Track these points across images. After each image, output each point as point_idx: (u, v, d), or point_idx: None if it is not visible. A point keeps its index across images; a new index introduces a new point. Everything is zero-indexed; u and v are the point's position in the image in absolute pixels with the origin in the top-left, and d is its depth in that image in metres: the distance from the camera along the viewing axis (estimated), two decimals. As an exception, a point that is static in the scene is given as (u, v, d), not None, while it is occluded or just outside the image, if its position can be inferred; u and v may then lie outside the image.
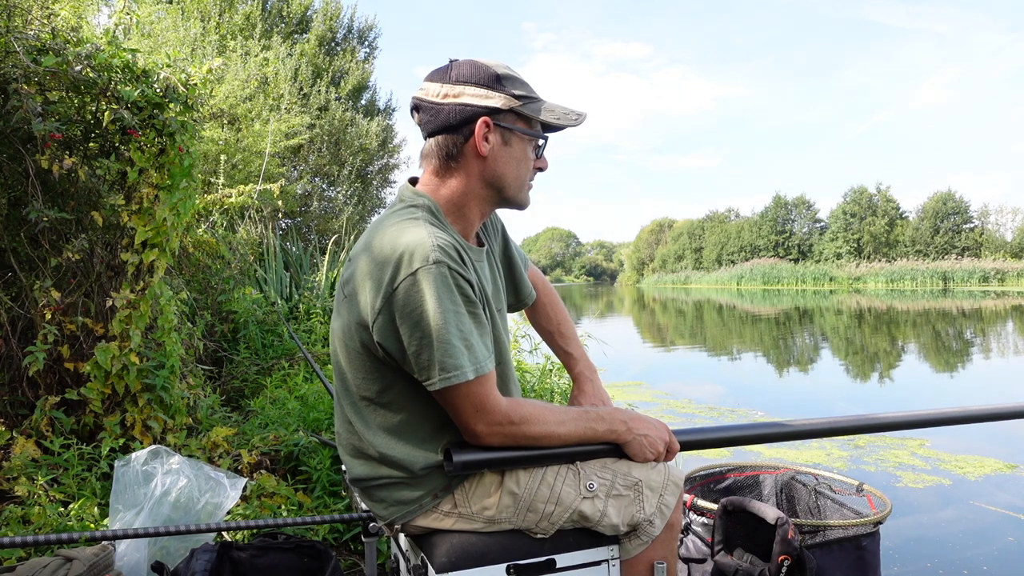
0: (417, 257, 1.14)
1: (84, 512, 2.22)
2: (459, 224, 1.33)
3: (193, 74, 2.84)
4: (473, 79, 1.26)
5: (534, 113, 1.29)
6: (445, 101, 1.26)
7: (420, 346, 1.15)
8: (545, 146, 1.35)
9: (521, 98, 1.28)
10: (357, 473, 1.32)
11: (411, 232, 1.19)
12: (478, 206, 1.33)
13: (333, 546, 2.44)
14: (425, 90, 1.29)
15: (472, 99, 1.25)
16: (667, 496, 1.33)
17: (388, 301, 1.16)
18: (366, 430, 1.28)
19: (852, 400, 6.38)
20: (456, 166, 1.29)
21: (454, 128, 1.26)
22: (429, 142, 1.30)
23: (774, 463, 2.18)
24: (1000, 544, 2.90)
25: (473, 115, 1.25)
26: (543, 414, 1.26)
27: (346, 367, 1.28)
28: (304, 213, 13.44)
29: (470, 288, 1.20)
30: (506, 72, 1.28)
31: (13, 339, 2.69)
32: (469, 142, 1.27)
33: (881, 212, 49.81)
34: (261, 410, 3.40)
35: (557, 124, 1.31)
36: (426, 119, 1.29)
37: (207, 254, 4.62)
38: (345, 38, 17.21)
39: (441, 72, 1.29)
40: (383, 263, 1.18)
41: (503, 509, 1.29)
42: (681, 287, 53.94)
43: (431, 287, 1.14)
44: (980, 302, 22.58)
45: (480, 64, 1.28)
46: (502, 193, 1.32)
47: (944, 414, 1.70)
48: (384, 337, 1.19)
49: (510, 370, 1.40)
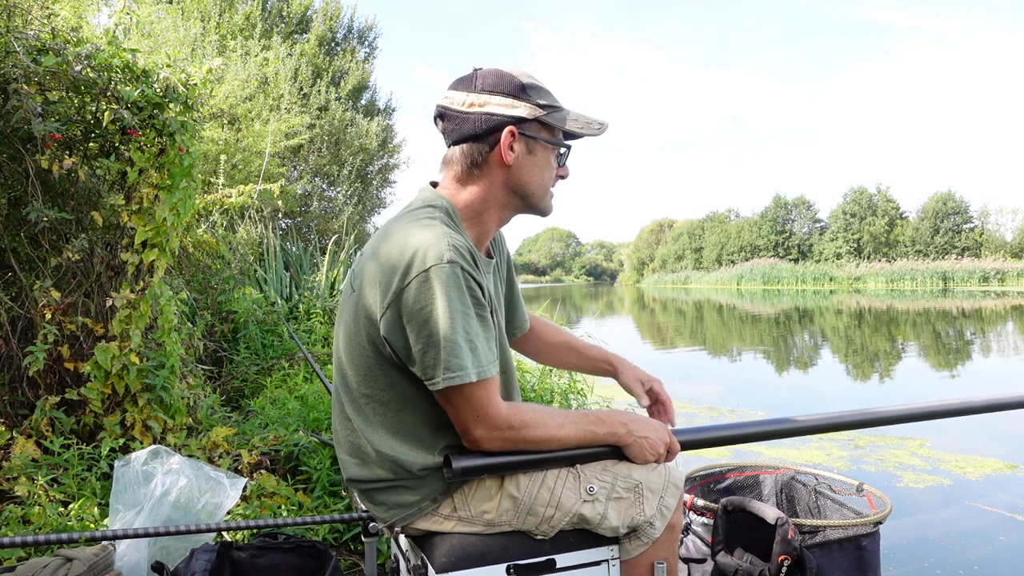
0: (431, 255, 1.15)
1: (84, 512, 2.22)
2: (475, 230, 1.33)
3: (193, 74, 2.84)
4: (499, 88, 1.27)
5: (558, 122, 1.31)
6: (471, 110, 1.28)
7: (426, 344, 1.15)
8: (568, 155, 1.38)
9: (545, 107, 1.29)
10: (353, 473, 1.32)
11: (426, 231, 1.19)
12: (498, 212, 1.34)
13: (333, 546, 2.44)
14: (450, 99, 1.30)
15: (498, 108, 1.27)
16: (667, 498, 1.33)
17: (398, 297, 1.16)
18: (365, 428, 1.27)
19: (852, 400, 6.39)
20: (479, 173, 1.30)
21: (479, 137, 1.28)
22: (453, 149, 1.31)
23: (774, 463, 2.18)
24: (1000, 544, 2.90)
25: (499, 124, 1.27)
26: (543, 418, 1.26)
27: (349, 363, 1.28)
28: (304, 213, 13.45)
29: (480, 291, 1.20)
30: (531, 82, 1.30)
31: (13, 339, 2.69)
32: (494, 150, 1.28)
33: (881, 212, 49.82)
34: (261, 410, 3.40)
35: (579, 133, 1.33)
36: (451, 127, 1.30)
37: (207, 254, 4.62)
38: (345, 38, 17.22)
39: (466, 81, 1.30)
40: (396, 259, 1.18)
41: (503, 513, 1.29)
42: (681, 287, 53.94)
43: (442, 286, 1.14)
44: (980, 302, 22.58)
45: (505, 73, 1.29)
46: (527, 200, 1.34)
47: (944, 407, 1.70)
48: (391, 332, 1.19)
49: (513, 379, 1.40)
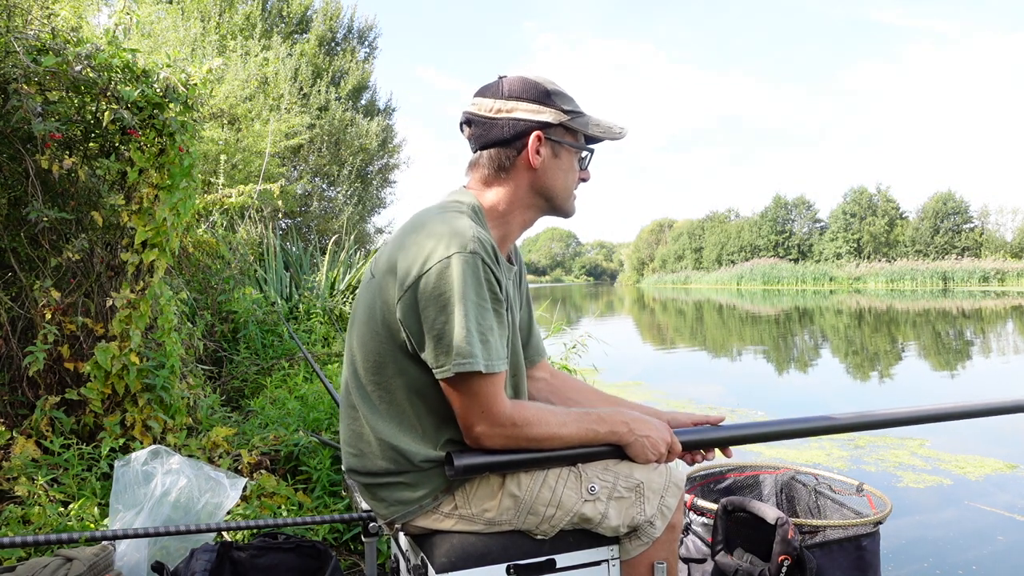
0: (454, 244, 1.18)
1: (84, 512, 2.22)
2: (499, 231, 1.37)
3: (193, 74, 2.84)
4: (526, 95, 1.33)
5: (582, 127, 1.36)
6: (499, 116, 1.33)
7: (440, 331, 1.17)
8: (590, 158, 1.43)
9: (570, 113, 1.34)
10: (354, 464, 1.33)
11: (452, 223, 1.22)
12: (522, 214, 1.39)
13: (333, 546, 2.44)
14: (477, 105, 1.35)
15: (525, 114, 1.32)
16: (668, 498, 1.33)
17: (417, 281, 1.18)
18: (370, 415, 1.28)
19: (852, 400, 6.38)
20: (506, 176, 1.35)
21: (507, 141, 1.33)
22: (481, 154, 1.37)
23: (774, 463, 2.18)
24: (1000, 544, 2.90)
25: (526, 129, 1.32)
26: (545, 416, 1.26)
27: (361, 349, 1.30)
28: (304, 213, 13.45)
29: (498, 286, 1.22)
30: (555, 88, 1.35)
31: (13, 339, 2.68)
32: (521, 154, 1.33)
33: (881, 212, 49.82)
34: (261, 410, 3.39)
35: (601, 137, 1.40)
36: (478, 132, 1.35)
37: (207, 254, 4.62)
38: (345, 38, 17.21)
39: (492, 88, 1.35)
40: (420, 246, 1.21)
41: (504, 511, 1.29)
42: (681, 287, 53.94)
43: (461, 275, 1.16)
44: (980, 302, 22.58)
45: (530, 80, 1.34)
46: (551, 202, 1.40)
47: (944, 410, 1.69)
48: (407, 316, 1.21)
49: (523, 382, 1.41)
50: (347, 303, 6.37)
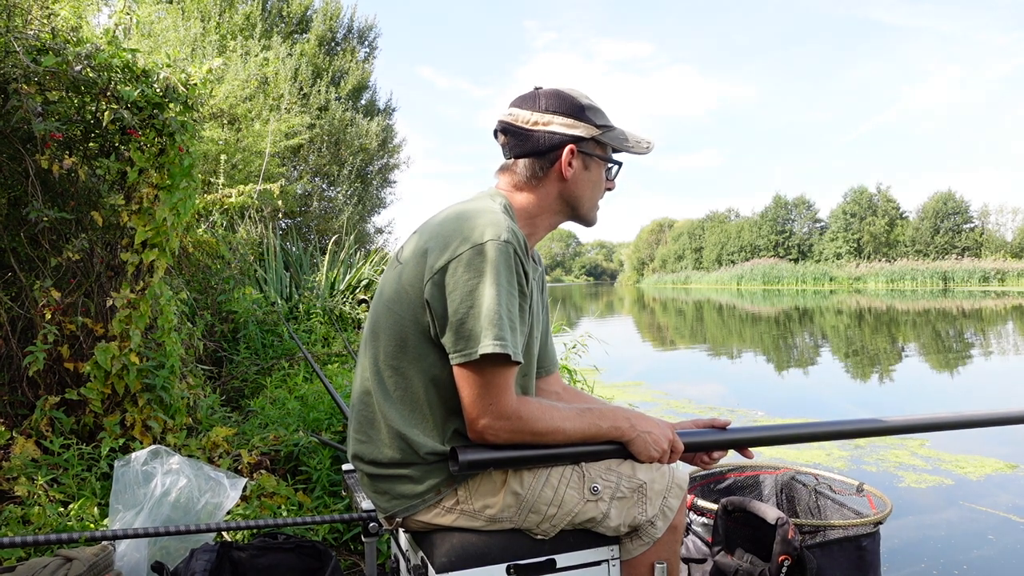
0: (489, 232, 1.21)
1: (84, 512, 2.22)
2: (525, 231, 1.42)
3: (193, 74, 2.84)
4: (561, 109, 1.38)
5: (612, 141, 1.42)
6: (535, 128, 1.38)
7: (467, 314, 1.18)
8: (618, 171, 1.49)
9: (602, 127, 1.41)
10: (360, 450, 1.33)
11: (487, 214, 1.26)
12: (549, 219, 1.45)
13: (333, 546, 2.44)
14: (514, 116, 1.41)
15: (560, 128, 1.38)
16: (670, 498, 1.34)
17: (448, 263, 1.21)
18: (383, 400, 1.29)
19: (852, 400, 6.38)
20: (537, 183, 1.41)
21: (542, 153, 1.39)
22: (516, 161, 1.41)
23: (774, 463, 2.18)
24: (1000, 544, 2.90)
25: (561, 143, 1.38)
26: (548, 411, 1.26)
27: (383, 333, 1.31)
28: (304, 213, 13.44)
29: (526, 280, 1.25)
30: (588, 103, 1.41)
31: (13, 339, 2.68)
32: (554, 166, 1.39)
33: (881, 212, 49.85)
34: (261, 410, 3.39)
35: (629, 150, 1.46)
36: (514, 143, 1.41)
37: (207, 254, 4.62)
38: (345, 38, 17.19)
39: (529, 100, 1.41)
40: (453, 230, 1.24)
41: (505, 509, 1.29)
42: (681, 287, 53.96)
43: (493, 262, 1.19)
44: (980, 302, 22.58)
45: (565, 95, 1.40)
46: (577, 211, 1.46)
47: (945, 419, 1.68)
48: (434, 297, 1.22)
49: (531, 383, 1.42)
50: (347, 303, 6.37)
